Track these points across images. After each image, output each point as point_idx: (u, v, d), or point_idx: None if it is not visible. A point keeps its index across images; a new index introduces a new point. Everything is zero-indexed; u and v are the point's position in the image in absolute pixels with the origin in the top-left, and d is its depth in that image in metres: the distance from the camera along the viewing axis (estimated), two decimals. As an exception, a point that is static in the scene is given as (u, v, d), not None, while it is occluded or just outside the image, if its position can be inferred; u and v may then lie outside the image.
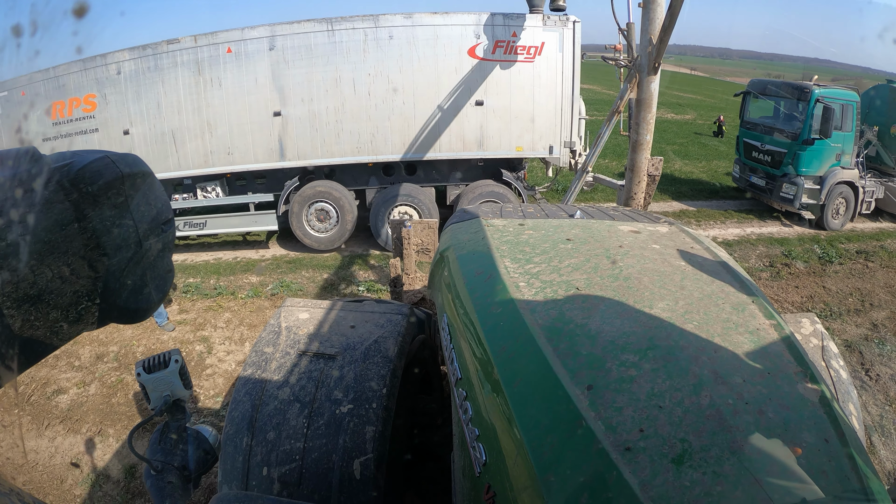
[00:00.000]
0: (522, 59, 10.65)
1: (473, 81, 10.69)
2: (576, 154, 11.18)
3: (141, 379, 1.52)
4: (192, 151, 10.94)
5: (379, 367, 2.88)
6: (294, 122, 10.78)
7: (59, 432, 6.61)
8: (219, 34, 10.41)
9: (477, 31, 10.53)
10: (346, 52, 10.44)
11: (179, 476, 1.50)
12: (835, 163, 14.20)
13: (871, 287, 11.30)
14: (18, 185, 1.07)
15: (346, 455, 2.58)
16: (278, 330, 3.28)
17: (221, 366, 7.79)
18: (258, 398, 2.84)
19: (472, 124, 10.92)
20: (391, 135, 10.91)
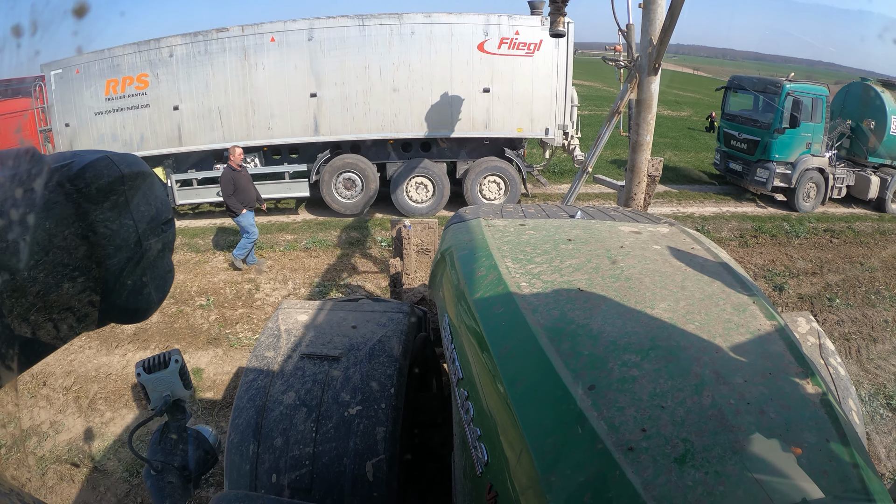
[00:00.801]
0: (523, 54, 12.29)
1: (482, 72, 12.31)
2: (568, 136, 12.94)
3: (141, 379, 1.51)
4: (235, 126, 12.48)
5: (385, 367, 2.87)
6: (327, 103, 12.35)
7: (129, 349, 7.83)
8: (263, 25, 11.97)
9: (486, 30, 12.17)
10: (374, 44, 12.05)
11: (179, 476, 1.50)
12: (805, 150, 15.83)
13: (831, 257, 12.72)
14: (18, 185, 1.07)
15: (358, 457, 2.56)
16: (278, 333, 3.25)
17: (269, 298, 9.40)
18: (262, 404, 2.80)
19: (480, 108, 12.52)
20: (410, 116, 12.52)
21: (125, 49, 12.06)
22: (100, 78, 12.21)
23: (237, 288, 9.75)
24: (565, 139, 12.97)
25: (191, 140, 12.66)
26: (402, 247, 6.78)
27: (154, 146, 12.62)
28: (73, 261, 1.18)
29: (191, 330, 8.45)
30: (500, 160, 13.08)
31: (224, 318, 8.82)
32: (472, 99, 12.44)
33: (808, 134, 15.71)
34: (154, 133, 12.60)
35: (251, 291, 9.55)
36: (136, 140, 12.61)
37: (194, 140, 12.66)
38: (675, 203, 15.88)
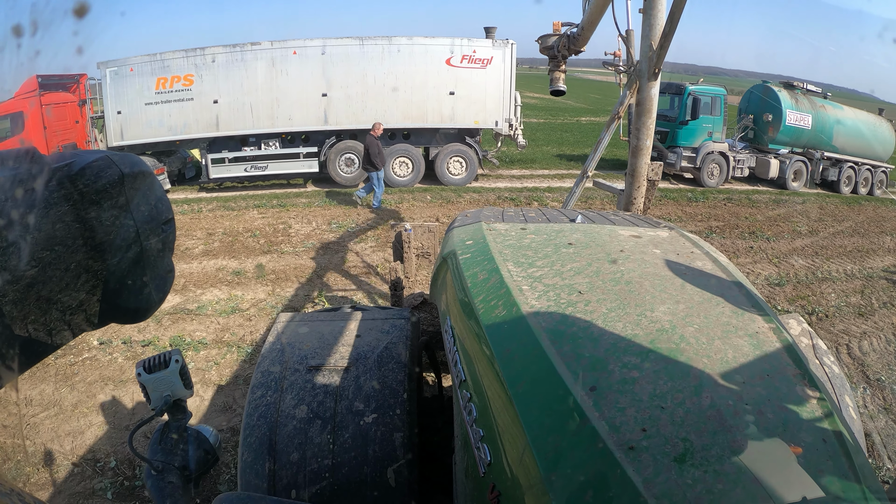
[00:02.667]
0: (479, 67, 17.11)
1: (448, 79, 17.03)
2: (512, 126, 17.55)
3: (141, 379, 1.52)
4: (263, 116, 16.71)
5: (395, 373, 2.89)
6: (335, 101, 16.76)
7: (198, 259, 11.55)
8: (288, 42, 16.44)
9: (451, 49, 16.90)
10: (370, 58, 16.59)
11: (180, 476, 1.51)
12: (707, 138, 20.27)
13: (721, 213, 16.67)
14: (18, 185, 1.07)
15: (378, 465, 2.57)
16: (280, 347, 3.21)
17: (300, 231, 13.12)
18: (274, 420, 2.75)
19: (447, 106, 17.24)
20: (396, 112, 16.99)
21: (175, 54, 15.99)
22: (151, 76, 15.97)
23: (273, 227, 13.55)
24: (510, 129, 17.57)
25: (227, 127, 16.75)
26: (403, 250, 6.75)
27: (195, 131, 16.63)
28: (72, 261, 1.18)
29: (246, 248, 12.09)
30: (463, 145, 17.69)
31: (269, 242, 12.40)
32: (440, 99, 17.06)
33: (708, 125, 20.24)
34: (196, 121, 16.52)
35: (285, 229, 13.28)
36: (179, 126, 16.53)
37: (229, 127, 16.75)
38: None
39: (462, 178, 17.98)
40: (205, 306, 8.91)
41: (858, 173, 23.75)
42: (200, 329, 8.27)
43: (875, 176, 24.47)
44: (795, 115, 21.41)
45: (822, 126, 22.16)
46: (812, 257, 13.68)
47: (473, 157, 17.79)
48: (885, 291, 11.88)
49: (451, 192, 16.99)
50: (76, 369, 7.28)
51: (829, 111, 22.58)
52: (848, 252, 14.74)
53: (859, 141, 23.43)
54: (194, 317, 8.62)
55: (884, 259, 14.65)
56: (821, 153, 22.50)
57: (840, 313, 10.27)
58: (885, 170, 25.02)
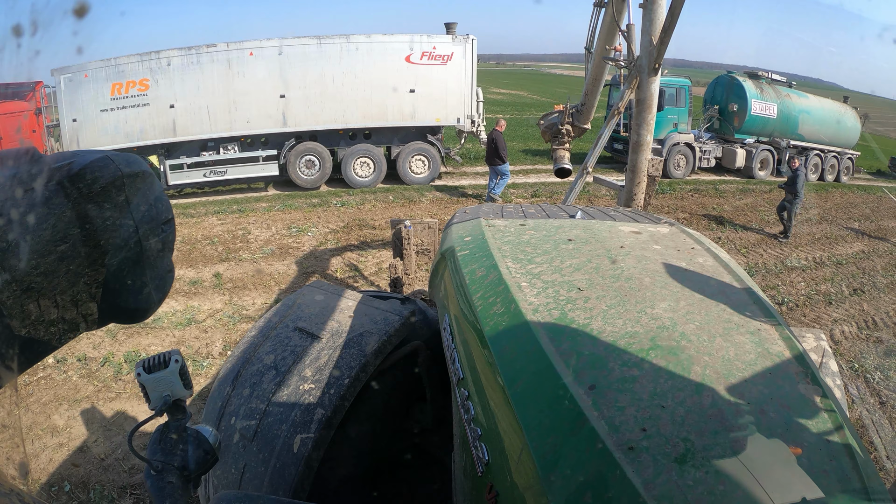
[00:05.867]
0: (439, 63, 16.83)
1: (408, 77, 16.66)
2: (474, 123, 17.58)
3: (141, 379, 1.52)
4: (220, 120, 16.15)
5: (351, 359, 2.94)
6: (293, 102, 16.28)
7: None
8: (244, 42, 15.88)
9: (411, 46, 16.55)
10: (328, 57, 16.20)
11: (179, 476, 1.51)
12: (672, 129, 20.20)
13: (687, 204, 17.00)
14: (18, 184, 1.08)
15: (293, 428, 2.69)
16: (291, 304, 3.44)
17: (259, 238, 12.75)
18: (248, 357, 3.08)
19: (407, 104, 16.88)
20: (356, 111, 16.67)
21: (129, 58, 15.34)
22: (106, 81, 15.35)
23: (232, 233, 13.25)
24: (473, 126, 17.57)
25: (184, 132, 16.13)
26: (402, 247, 6.71)
27: (152, 137, 15.89)
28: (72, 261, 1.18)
29: (204, 257, 11.71)
30: (424, 143, 17.48)
31: (228, 249, 12.10)
32: (401, 97, 16.71)
33: (673, 116, 20.23)
34: (153, 126, 15.81)
35: (244, 234, 13.03)
36: (136, 132, 15.82)
37: (187, 132, 16.14)
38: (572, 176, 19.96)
39: (425, 176, 17.70)
40: (160, 319, 8.59)
41: (825, 161, 24.06)
42: (156, 343, 8.04)
43: (841, 163, 24.81)
44: (761, 105, 21.53)
45: (787, 115, 22.33)
46: (780, 246, 13.85)
47: (436, 155, 17.60)
48: (855, 278, 11.98)
49: (414, 191, 16.71)
50: (31, 389, 7.05)
51: (794, 100, 22.75)
52: (817, 240, 14.92)
53: (825, 129, 23.67)
54: (150, 330, 8.34)
55: (852, 245, 14.82)
56: (787, 142, 22.72)
57: (810, 302, 10.32)
58: (851, 157, 25.44)
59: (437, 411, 3.37)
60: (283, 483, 2.61)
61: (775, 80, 22.93)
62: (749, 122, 21.54)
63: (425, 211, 14.37)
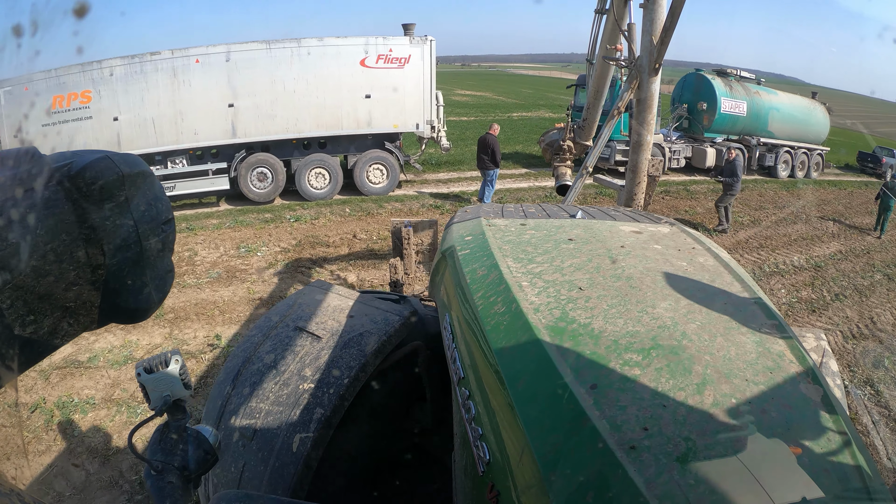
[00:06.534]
0: (396, 67, 15.87)
1: (363, 82, 15.72)
2: (435, 128, 16.60)
3: (141, 379, 1.52)
4: (167, 132, 15.00)
5: (350, 359, 2.94)
6: (242, 111, 15.22)
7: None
8: (189, 49, 14.63)
9: (366, 49, 15.60)
10: (278, 63, 15.10)
11: (179, 476, 1.51)
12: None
13: (658, 207, 16.26)
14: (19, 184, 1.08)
15: (292, 428, 2.70)
16: (292, 303, 3.44)
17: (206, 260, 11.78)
18: (249, 356, 3.06)
19: (363, 111, 15.93)
20: (309, 119, 15.66)
21: (70, 69, 14.15)
22: (47, 94, 14.22)
23: (178, 255, 12.03)
24: (433, 131, 16.61)
25: (129, 146, 14.79)
26: (402, 246, 6.68)
27: None
28: (73, 261, 1.18)
29: None
30: (382, 151, 16.53)
31: None
32: (356, 104, 15.79)
33: (642, 116, 19.43)
34: (96, 140, 14.60)
35: (190, 256, 12.15)
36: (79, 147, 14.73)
37: (132, 145, 14.87)
38: (533, 180, 19.83)
39: (383, 186, 16.83)
40: (97, 356, 7.91)
41: (795, 157, 24.03)
42: (90, 385, 7.40)
43: (811, 159, 24.85)
44: (730, 103, 21.26)
45: (757, 112, 22.18)
46: (758, 250, 13.65)
47: (394, 164, 16.75)
48: (836, 282, 11.81)
49: (372, 202, 15.78)
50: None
51: (763, 97, 22.60)
52: (793, 241, 14.76)
53: (795, 125, 23.65)
54: (84, 370, 7.70)
55: (829, 246, 14.76)
56: (757, 139, 22.68)
57: (792, 311, 10.16)
58: (821, 152, 25.52)
59: (437, 411, 3.37)
60: (283, 482, 2.61)
61: (744, 77, 22.83)
62: (719, 120, 21.29)
63: (382, 225, 13.46)
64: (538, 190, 18.00)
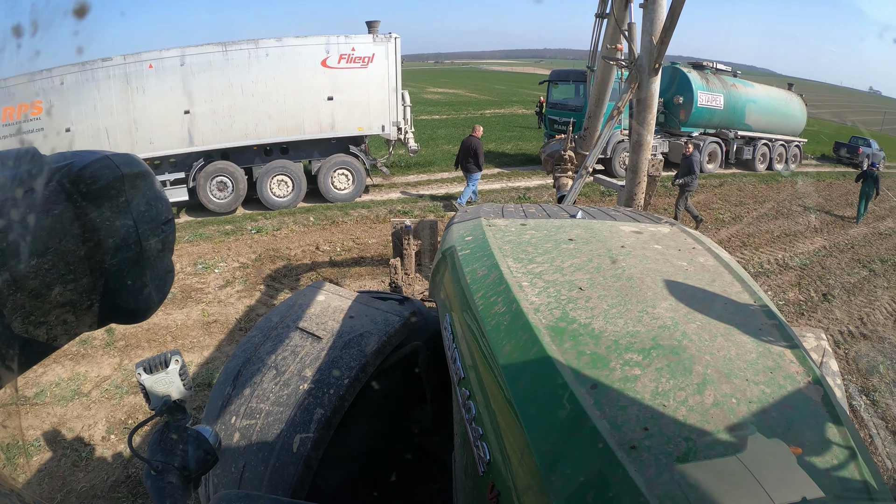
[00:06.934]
0: (359, 66, 15.06)
1: (325, 83, 14.92)
2: (401, 130, 15.81)
3: (141, 379, 1.51)
4: (121, 142, 14.09)
5: (351, 359, 2.95)
6: (199, 118, 14.39)
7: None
8: (142, 54, 13.80)
9: (327, 48, 14.77)
10: (235, 66, 14.26)
11: (179, 476, 1.50)
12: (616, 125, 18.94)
13: None
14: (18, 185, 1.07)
15: (292, 428, 2.70)
16: (292, 304, 3.46)
17: None
18: (249, 356, 3.08)
19: (326, 113, 15.14)
20: (269, 124, 14.87)
21: (19, 79, 13.38)
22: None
23: None
24: (400, 133, 15.84)
25: None
26: (402, 246, 6.63)
27: None
28: (72, 261, 1.16)
29: None
30: (347, 156, 15.75)
31: None
32: (318, 106, 15.01)
33: (615, 112, 18.86)
34: (49, 152, 14.05)
35: None
36: None
37: None
38: (506, 180, 19.45)
39: (349, 192, 16.07)
40: (44, 391, 7.35)
41: (773, 149, 23.97)
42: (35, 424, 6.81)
43: (789, 151, 24.85)
44: (707, 96, 20.90)
45: (734, 105, 21.95)
46: (741, 249, 13.45)
47: (360, 168, 16.00)
48: (823, 280, 11.57)
49: (338, 209, 15.05)
50: None
51: (740, 89, 22.34)
52: (776, 238, 14.55)
53: (772, 117, 23.44)
54: (31, 407, 7.11)
55: (813, 241, 14.60)
56: (734, 132, 22.41)
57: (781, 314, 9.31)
58: (799, 144, 25.57)
59: (437, 411, 3.36)
60: (283, 482, 2.61)
61: (720, 70, 22.52)
62: (696, 114, 20.91)
63: (347, 234, 12.86)
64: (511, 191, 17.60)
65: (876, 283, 11.73)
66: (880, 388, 7.45)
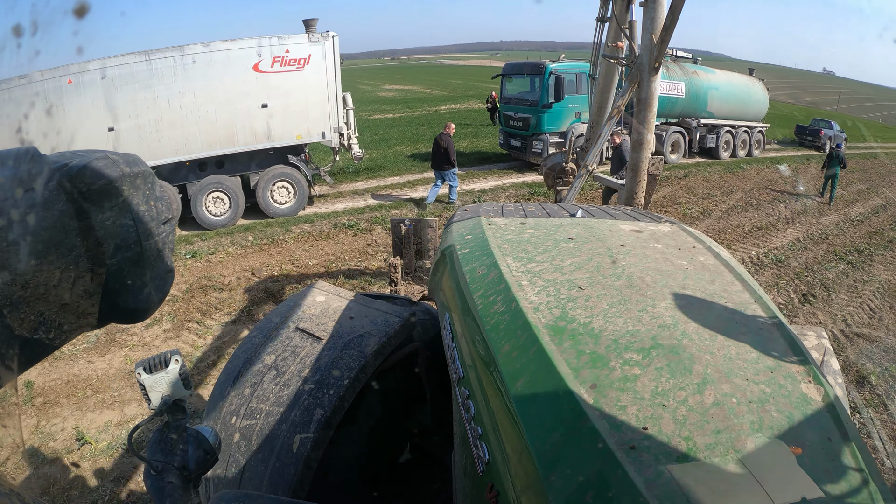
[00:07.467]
0: (294, 69, 13.87)
1: (259, 89, 13.72)
2: (344, 136, 14.68)
3: (141, 379, 1.50)
4: None
5: (351, 360, 2.95)
6: (124, 135, 13.07)
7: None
8: (59, 69, 12.43)
9: (259, 51, 13.57)
10: (160, 76, 12.97)
11: (179, 476, 1.49)
12: (575, 120, 18.22)
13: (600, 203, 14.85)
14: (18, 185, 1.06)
15: (293, 428, 2.71)
16: (293, 305, 3.45)
17: None
18: (249, 357, 3.08)
19: (261, 122, 13.93)
20: (200, 137, 13.61)
21: None
22: None
23: None
24: (343, 139, 14.72)
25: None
26: (402, 246, 6.60)
27: None
28: (72, 261, 1.16)
29: None
30: (286, 167, 14.50)
31: None
32: (252, 115, 13.81)
33: (575, 105, 18.15)
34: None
35: None
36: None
37: None
38: (461, 183, 17.82)
39: (291, 206, 14.76)
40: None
41: (736, 136, 23.65)
42: None
43: (752, 137, 24.51)
44: (668, 85, 20.20)
45: (696, 93, 21.51)
46: None
47: (301, 180, 14.70)
48: (801, 278, 11.14)
49: (279, 226, 13.76)
50: None
51: (701, 77, 21.88)
52: (748, 232, 14.10)
53: (734, 104, 23.10)
54: None
55: (785, 234, 14.18)
56: (697, 121, 21.97)
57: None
58: (762, 129, 25.23)
59: (437, 411, 3.36)
60: (283, 483, 2.61)
61: (680, 57, 22.07)
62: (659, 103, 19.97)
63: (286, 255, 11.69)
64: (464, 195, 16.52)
65: (855, 277, 11.35)
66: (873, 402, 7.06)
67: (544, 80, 17.70)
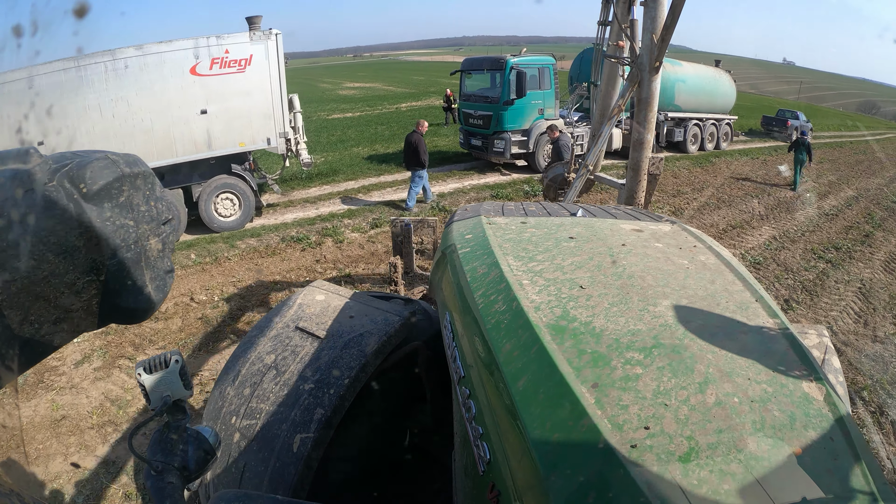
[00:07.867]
0: (235, 71, 12.80)
1: (197, 94, 12.61)
2: (290, 142, 13.68)
3: (141, 379, 1.50)
4: None
5: (351, 359, 2.95)
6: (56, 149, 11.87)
7: None
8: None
9: (196, 53, 12.46)
10: (91, 84, 11.90)
11: (179, 477, 1.50)
12: (538, 116, 17.42)
13: None
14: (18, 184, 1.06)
15: (293, 428, 2.71)
16: (291, 304, 3.45)
17: None
18: (250, 357, 3.09)
19: (200, 130, 12.78)
20: (135, 148, 11.80)
21: None
22: None
23: None
24: (289, 145, 13.75)
25: None
26: (402, 245, 6.58)
27: None
28: (73, 261, 1.16)
29: None
30: (230, 177, 13.42)
31: None
32: (190, 122, 12.75)
33: (538, 101, 17.42)
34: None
35: None
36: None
37: None
38: None
39: (237, 219, 13.56)
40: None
41: (704, 129, 23.40)
42: None
43: (720, 129, 24.33)
44: (633, 78, 19.29)
45: (662, 86, 20.35)
46: None
47: (246, 190, 13.57)
48: (781, 281, 10.71)
49: (223, 241, 12.52)
50: None
51: (668, 69, 21.54)
52: (723, 232, 13.61)
53: (702, 96, 22.81)
54: None
55: (761, 232, 13.84)
56: (664, 114, 21.44)
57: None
58: (730, 122, 25.13)
59: (438, 411, 3.35)
60: (283, 482, 2.61)
61: None
62: (622, 97, 19.41)
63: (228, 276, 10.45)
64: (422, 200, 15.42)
65: (836, 278, 10.97)
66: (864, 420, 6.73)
67: (505, 75, 16.89)
